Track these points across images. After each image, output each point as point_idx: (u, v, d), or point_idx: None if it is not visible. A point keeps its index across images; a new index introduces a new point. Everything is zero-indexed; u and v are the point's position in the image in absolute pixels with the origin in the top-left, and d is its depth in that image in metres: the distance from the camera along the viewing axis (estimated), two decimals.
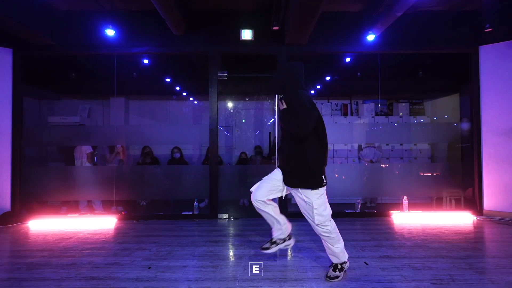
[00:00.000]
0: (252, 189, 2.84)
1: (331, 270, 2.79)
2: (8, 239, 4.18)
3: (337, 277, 2.73)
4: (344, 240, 2.80)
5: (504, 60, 5.07)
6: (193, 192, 5.49)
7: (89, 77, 7.02)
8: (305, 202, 2.65)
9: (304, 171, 2.59)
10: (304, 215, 2.75)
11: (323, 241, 2.78)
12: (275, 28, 4.80)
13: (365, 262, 3.15)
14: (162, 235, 4.25)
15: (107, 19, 4.81)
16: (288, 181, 2.70)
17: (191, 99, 8.43)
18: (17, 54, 5.18)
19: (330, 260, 2.85)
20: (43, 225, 4.83)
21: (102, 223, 4.90)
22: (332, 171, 5.67)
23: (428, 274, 2.86)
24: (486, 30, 4.77)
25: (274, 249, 2.90)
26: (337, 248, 2.72)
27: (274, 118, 5.32)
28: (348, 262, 2.84)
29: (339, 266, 2.77)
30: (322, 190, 2.64)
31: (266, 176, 2.85)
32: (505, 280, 2.72)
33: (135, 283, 2.71)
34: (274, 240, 2.92)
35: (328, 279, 2.73)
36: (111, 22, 4.80)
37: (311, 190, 2.59)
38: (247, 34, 5.19)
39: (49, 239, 4.09)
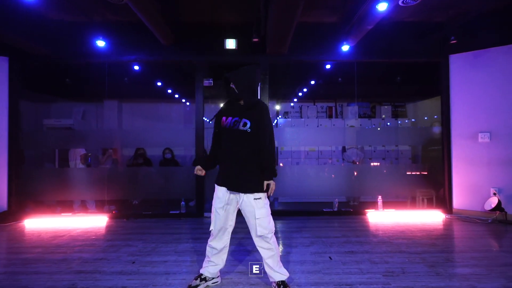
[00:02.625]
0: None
1: None
2: (5, 237, 4.49)
3: None
4: (316, 237, 3.11)
5: (472, 69, 5.40)
6: (181, 192, 5.82)
7: (82, 82, 7.32)
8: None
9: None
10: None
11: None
12: (255, 40, 5.12)
13: (329, 257, 3.48)
14: (149, 232, 4.58)
15: (99, 30, 5.11)
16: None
17: (183, 101, 8.74)
18: (12, 63, 5.48)
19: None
20: (38, 224, 5.13)
21: (94, 222, 5.21)
22: (315, 171, 6.03)
23: (382, 267, 3.19)
24: (451, 42, 5.09)
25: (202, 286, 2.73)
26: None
27: None
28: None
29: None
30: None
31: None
32: (449, 272, 3.06)
33: (118, 276, 3.03)
34: (204, 276, 2.74)
35: None
36: (102, 33, 5.11)
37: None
38: (231, 44, 5.50)
39: (43, 237, 4.41)
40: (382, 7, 3.85)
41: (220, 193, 2.61)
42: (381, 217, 5.38)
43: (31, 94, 7.24)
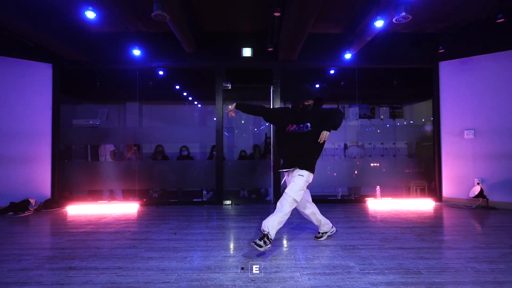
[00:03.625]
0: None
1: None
2: (57, 219, 5.24)
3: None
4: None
5: (459, 74, 6.17)
6: (200, 183, 6.60)
7: (109, 85, 8.10)
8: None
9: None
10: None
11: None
12: (270, 49, 5.89)
13: (336, 229, 4.23)
14: (181, 215, 5.34)
15: (133, 40, 5.87)
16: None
17: (195, 103, 9.52)
18: (56, 69, 6.25)
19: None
20: (79, 210, 5.88)
21: (128, 208, 5.96)
22: (321, 166, 6.77)
23: (379, 236, 3.94)
24: (439, 51, 5.86)
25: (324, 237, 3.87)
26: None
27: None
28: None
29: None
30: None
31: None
32: (432, 238, 3.81)
33: (167, 241, 3.78)
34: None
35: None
36: (136, 42, 5.86)
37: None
38: (247, 52, 6.27)
39: (90, 218, 5.16)
40: (379, 24, 4.62)
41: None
42: (379, 204, 6.12)
43: (62, 97, 8.02)
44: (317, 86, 8.63)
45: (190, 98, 9.38)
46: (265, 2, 5.13)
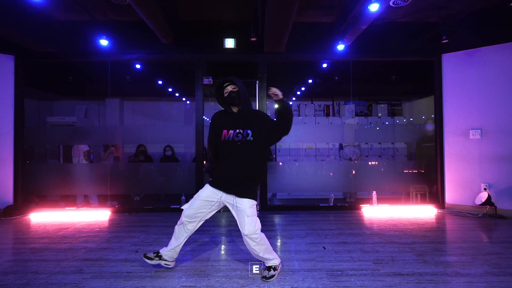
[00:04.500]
0: (183, 207, 2.92)
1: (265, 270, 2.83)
2: (12, 229, 4.66)
3: (272, 276, 2.78)
4: (312, 229, 3.29)
5: (464, 68, 5.57)
6: (181, 187, 6.00)
7: (85, 80, 7.51)
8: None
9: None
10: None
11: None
12: (253, 39, 5.28)
13: (323, 247, 3.65)
14: (151, 225, 4.75)
15: (102, 29, 5.25)
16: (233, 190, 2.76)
17: (183, 99, 8.90)
18: (18, 61, 5.64)
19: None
20: (43, 217, 5.28)
21: (98, 216, 5.37)
22: (313, 167, 6.21)
23: (373, 256, 3.36)
24: (443, 41, 5.25)
25: (155, 262, 2.94)
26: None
27: None
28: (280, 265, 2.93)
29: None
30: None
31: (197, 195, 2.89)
32: (436, 260, 3.23)
33: (123, 263, 3.20)
34: (161, 254, 2.96)
35: (264, 279, 2.76)
36: (105, 32, 5.25)
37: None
38: (230, 43, 5.66)
39: (48, 229, 4.57)
40: (373, 7, 4.01)
41: (211, 192, 2.81)
42: (375, 212, 5.54)
43: (34, 92, 7.42)
44: (310, 81, 8.03)
45: (176, 94, 8.77)
46: None
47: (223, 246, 3.78)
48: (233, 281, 2.77)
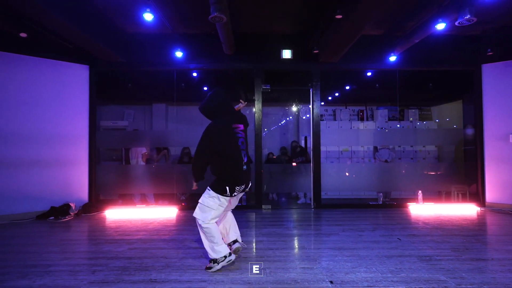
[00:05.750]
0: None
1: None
2: (100, 224, 5.13)
3: (210, 268, 3.06)
4: (376, 224, 3.72)
5: (503, 77, 6.06)
6: None
7: (137, 87, 7.97)
8: None
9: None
10: None
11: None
12: (315, 51, 5.78)
13: (398, 238, 4.13)
14: None
15: (174, 41, 5.74)
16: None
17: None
18: (92, 70, 6.12)
19: None
20: (118, 214, 5.76)
21: (167, 213, 5.83)
22: (350, 170, 6.71)
23: (447, 245, 3.83)
24: (488, 54, 5.75)
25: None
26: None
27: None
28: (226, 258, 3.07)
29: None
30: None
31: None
32: (504, 248, 3.70)
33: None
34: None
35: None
36: (178, 44, 5.73)
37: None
38: (287, 54, 6.16)
39: (135, 223, 5.05)
40: (440, 26, 4.50)
41: None
42: (422, 210, 6.02)
43: None
44: (347, 88, 8.53)
45: None
46: (309, 4, 5.01)
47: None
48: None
